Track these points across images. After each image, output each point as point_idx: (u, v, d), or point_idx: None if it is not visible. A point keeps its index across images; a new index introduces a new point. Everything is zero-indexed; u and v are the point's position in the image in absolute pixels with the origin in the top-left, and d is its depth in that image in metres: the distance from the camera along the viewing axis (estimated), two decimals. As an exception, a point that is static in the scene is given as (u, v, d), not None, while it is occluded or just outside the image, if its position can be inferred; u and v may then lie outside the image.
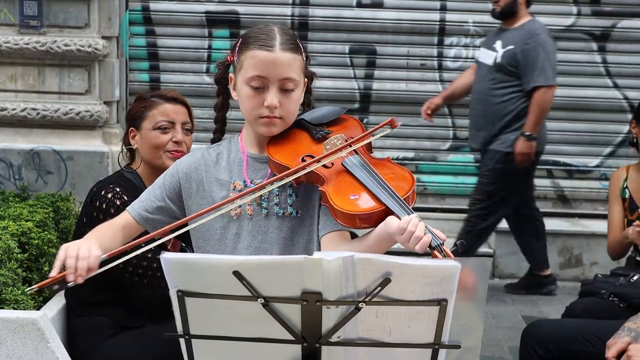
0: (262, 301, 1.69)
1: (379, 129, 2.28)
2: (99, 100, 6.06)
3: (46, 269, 3.24)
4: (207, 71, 6.46)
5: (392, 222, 2.00)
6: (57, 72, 5.99)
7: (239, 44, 2.24)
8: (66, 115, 5.96)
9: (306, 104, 2.37)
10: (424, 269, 1.67)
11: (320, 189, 2.14)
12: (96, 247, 2.11)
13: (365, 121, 6.33)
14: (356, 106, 6.50)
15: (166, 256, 1.71)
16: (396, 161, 2.55)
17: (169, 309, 1.79)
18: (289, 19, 6.44)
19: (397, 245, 2.01)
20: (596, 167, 6.58)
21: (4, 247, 3.09)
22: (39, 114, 5.95)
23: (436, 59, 6.53)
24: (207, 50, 6.50)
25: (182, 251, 3.11)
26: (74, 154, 5.96)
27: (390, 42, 6.51)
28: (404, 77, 6.54)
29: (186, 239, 2.73)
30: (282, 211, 2.23)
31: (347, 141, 2.22)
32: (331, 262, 1.65)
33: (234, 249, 2.24)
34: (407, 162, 6.47)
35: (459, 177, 6.52)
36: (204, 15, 6.46)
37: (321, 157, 2.16)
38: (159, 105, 3.16)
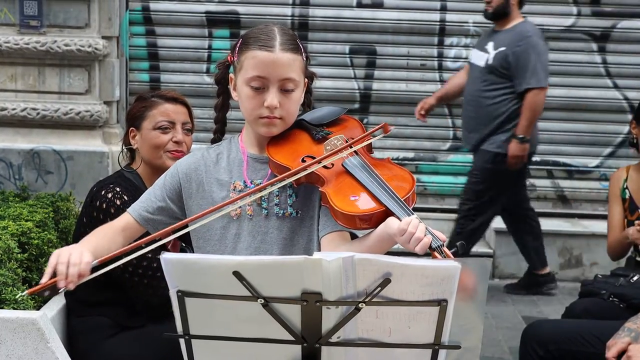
0: (262, 301, 1.69)
1: (372, 134, 2.27)
2: (99, 100, 6.07)
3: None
4: (207, 71, 6.46)
5: (392, 223, 1.99)
6: (57, 72, 5.99)
7: (239, 44, 2.24)
8: (66, 115, 5.96)
9: (306, 105, 2.37)
10: (424, 269, 1.67)
11: (320, 189, 2.14)
12: (88, 253, 2.09)
13: (365, 121, 6.33)
14: (356, 106, 6.50)
15: (166, 256, 1.71)
16: (396, 161, 2.55)
17: (169, 309, 1.79)
18: (289, 19, 6.44)
19: (397, 245, 2.01)
20: (596, 167, 6.59)
21: (4, 247, 3.09)
22: (39, 113, 5.95)
23: (436, 59, 6.53)
24: (207, 50, 6.50)
25: (182, 251, 3.11)
26: (74, 154, 5.96)
27: (390, 42, 6.51)
28: (404, 78, 6.54)
29: (186, 239, 2.73)
30: (282, 211, 2.23)
31: (347, 142, 2.22)
32: (331, 263, 1.65)
33: (234, 249, 2.24)
34: (407, 162, 6.47)
35: (459, 177, 6.51)
36: (204, 15, 6.46)
37: (322, 158, 2.16)
38: (159, 105, 3.16)
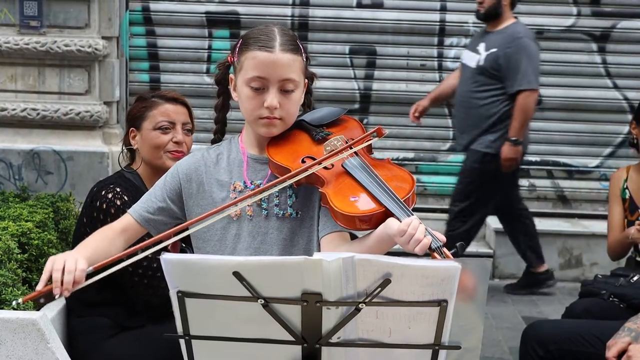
0: (262, 302, 1.69)
1: (366, 138, 2.25)
2: (99, 100, 6.06)
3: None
4: (207, 71, 6.46)
5: (392, 224, 1.99)
6: (57, 73, 5.99)
7: (239, 45, 2.24)
8: (66, 115, 5.96)
9: (307, 105, 2.37)
10: (424, 269, 1.67)
11: (320, 190, 2.14)
12: (83, 260, 2.08)
13: (365, 122, 6.33)
14: (356, 107, 6.50)
15: (166, 257, 1.70)
16: (396, 162, 2.54)
17: (169, 309, 1.79)
18: (289, 19, 6.44)
19: (397, 246, 2.01)
20: (596, 167, 6.59)
21: (3, 247, 3.09)
22: (39, 114, 5.95)
23: (436, 59, 6.54)
24: (207, 50, 6.51)
25: (182, 252, 3.11)
26: (74, 154, 5.96)
27: (390, 42, 6.51)
28: (404, 78, 6.54)
29: (186, 239, 2.72)
30: (282, 212, 2.22)
31: (347, 142, 2.22)
32: (331, 263, 1.65)
33: (234, 249, 2.24)
34: (407, 162, 6.47)
35: (459, 177, 6.52)
36: (204, 15, 6.46)
37: (322, 160, 2.16)
38: (159, 105, 3.16)
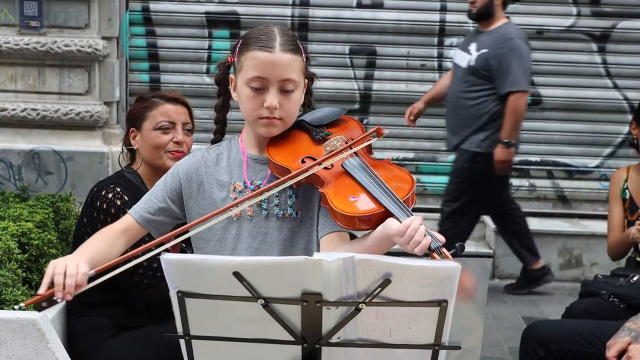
0: (262, 302, 1.69)
1: (366, 138, 2.25)
2: (99, 100, 6.06)
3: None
4: (208, 72, 6.46)
5: (391, 224, 1.99)
6: (57, 73, 5.99)
7: (239, 45, 2.24)
8: (66, 115, 5.96)
9: (307, 105, 2.37)
10: (424, 269, 1.67)
11: (320, 190, 2.14)
12: (84, 263, 2.08)
13: (365, 122, 6.33)
14: (356, 107, 6.50)
15: (166, 257, 1.70)
16: (396, 162, 2.55)
17: (169, 309, 1.79)
18: (289, 19, 6.44)
19: (397, 246, 2.01)
20: (596, 167, 6.59)
21: (4, 247, 3.10)
22: (39, 114, 5.95)
23: (436, 59, 6.54)
24: (207, 50, 6.51)
25: (182, 252, 3.11)
26: (74, 155, 5.96)
27: (390, 42, 6.51)
28: (404, 78, 6.54)
29: (186, 239, 2.73)
30: (282, 212, 2.22)
31: (347, 142, 2.22)
32: (331, 263, 1.65)
33: (234, 249, 2.24)
34: (407, 162, 6.47)
35: (459, 177, 6.51)
36: (204, 15, 6.46)
37: (322, 160, 2.16)
38: (159, 105, 3.16)
